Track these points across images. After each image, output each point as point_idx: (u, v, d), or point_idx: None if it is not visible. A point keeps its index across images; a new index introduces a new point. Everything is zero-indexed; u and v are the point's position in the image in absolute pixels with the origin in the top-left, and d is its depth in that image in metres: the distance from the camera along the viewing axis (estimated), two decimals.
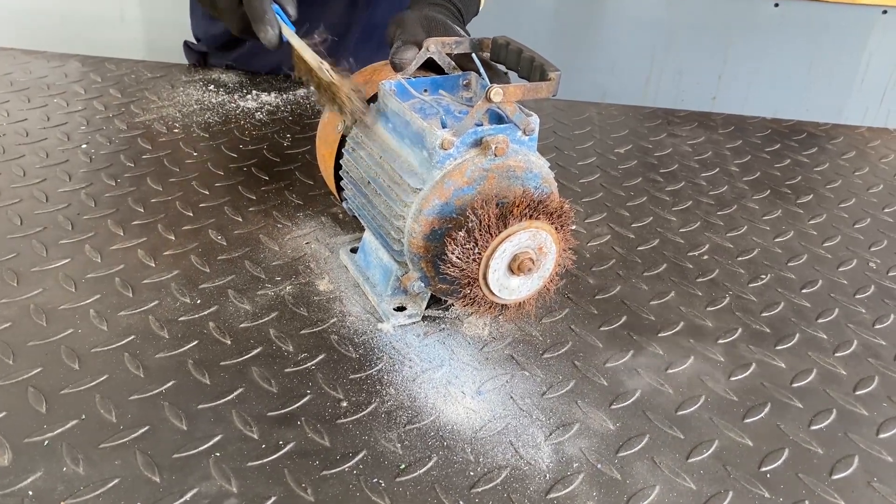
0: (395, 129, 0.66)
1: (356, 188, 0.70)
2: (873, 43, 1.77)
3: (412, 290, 0.67)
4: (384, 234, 0.66)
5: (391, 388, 0.62)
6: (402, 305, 0.70)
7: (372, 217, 0.68)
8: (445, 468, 0.56)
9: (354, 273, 0.74)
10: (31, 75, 1.11)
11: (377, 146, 0.67)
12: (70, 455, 0.54)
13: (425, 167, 0.62)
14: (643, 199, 0.93)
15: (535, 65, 0.64)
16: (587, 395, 0.64)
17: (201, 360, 0.63)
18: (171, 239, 0.78)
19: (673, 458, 0.59)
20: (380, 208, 0.66)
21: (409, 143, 0.64)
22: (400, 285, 0.69)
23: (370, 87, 0.70)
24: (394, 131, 0.66)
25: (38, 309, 0.67)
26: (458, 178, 0.61)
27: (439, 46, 0.69)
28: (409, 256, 0.64)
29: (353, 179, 0.70)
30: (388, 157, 0.65)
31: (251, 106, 1.06)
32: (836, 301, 0.78)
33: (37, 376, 0.61)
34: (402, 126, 0.65)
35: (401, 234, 0.64)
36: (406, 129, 0.64)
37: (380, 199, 0.66)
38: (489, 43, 0.69)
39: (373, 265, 0.73)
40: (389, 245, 0.66)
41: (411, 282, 0.66)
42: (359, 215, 0.72)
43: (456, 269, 0.60)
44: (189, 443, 0.56)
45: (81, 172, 0.88)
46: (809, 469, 0.59)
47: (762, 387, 0.66)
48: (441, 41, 0.69)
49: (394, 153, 0.65)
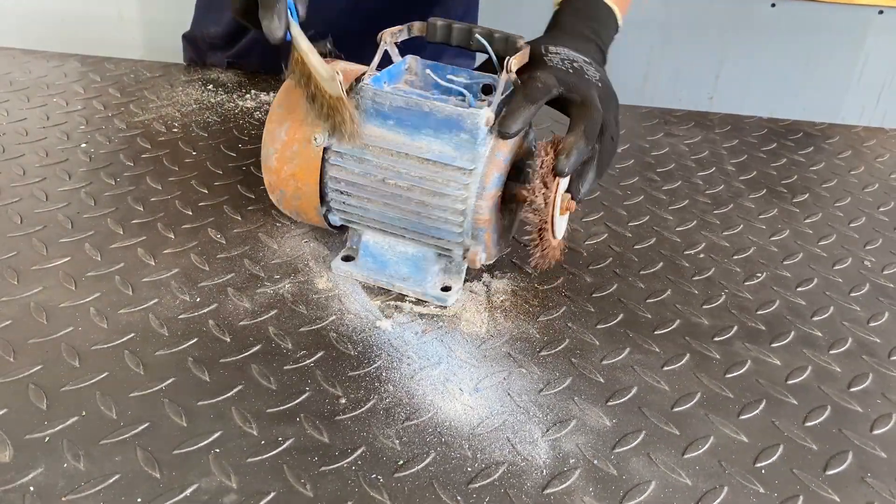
0: (401, 123, 0.67)
1: (365, 194, 0.69)
2: (870, 43, 1.77)
3: (479, 264, 0.69)
4: (428, 225, 0.69)
5: (389, 385, 0.63)
6: (447, 285, 0.73)
7: (401, 214, 0.69)
8: (443, 464, 0.56)
9: (363, 277, 0.74)
10: (31, 75, 1.11)
11: (380, 146, 0.67)
12: (71, 451, 0.55)
13: (467, 148, 0.66)
14: (640, 197, 0.94)
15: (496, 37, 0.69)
16: (584, 392, 0.64)
17: (201, 357, 0.64)
18: (171, 237, 0.78)
19: (669, 453, 0.59)
20: (419, 200, 0.67)
21: (430, 133, 0.66)
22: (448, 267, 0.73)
23: None
24: (399, 126, 0.67)
25: (39, 307, 0.68)
26: (504, 147, 0.66)
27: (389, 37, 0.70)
28: (472, 233, 0.68)
29: (356, 186, 0.69)
30: (408, 151, 0.67)
31: (250, 105, 1.07)
32: (831, 299, 0.79)
33: (37, 373, 0.61)
34: (416, 118, 0.66)
35: (462, 216, 0.67)
36: (423, 121, 0.66)
37: (416, 192, 0.67)
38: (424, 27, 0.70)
39: (392, 262, 0.73)
40: (439, 230, 0.69)
41: (478, 255, 0.69)
42: (365, 221, 0.72)
43: (538, 216, 0.66)
44: (189, 439, 0.56)
45: (81, 171, 0.89)
46: (804, 465, 0.59)
47: (757, 384, 0.67)
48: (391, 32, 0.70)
49: (410, 146, 0.67)
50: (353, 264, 0.75)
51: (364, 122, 0.67)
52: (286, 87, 0.71)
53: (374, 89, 0.67)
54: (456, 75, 0.72)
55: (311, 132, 0.68)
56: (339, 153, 0.69)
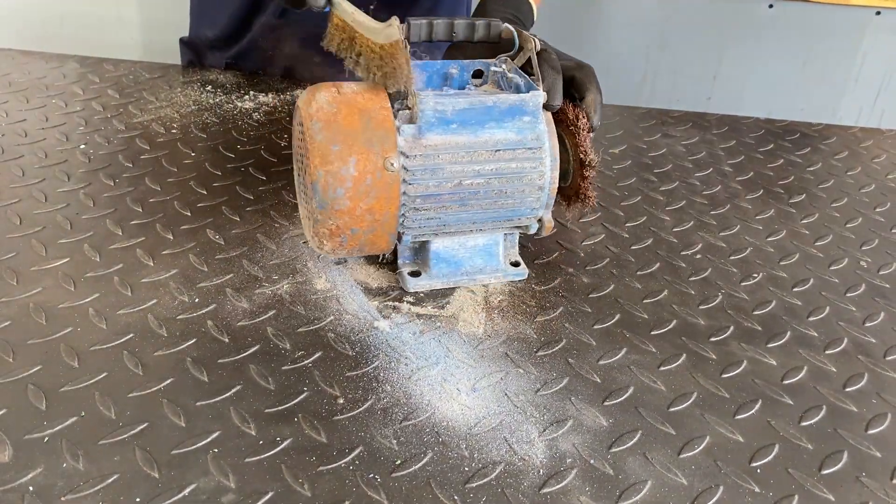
0: (465, 124, 0.68)
1: (441, 203, 0.69)
2: (867, 44, 1.78)
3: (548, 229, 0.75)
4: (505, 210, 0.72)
5: (387, 386, 0.63)
6: (514, 261, 0.77)
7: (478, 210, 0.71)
8: (440, 464, 0.57)
9: (442, 284, 0.74)
10: (30, 76, 1.11)
11: (449, 152, 0.68)
12: (70, 451, 0.55)
13: (530, 128, 0.70)
14: (637, 198, 0.94)
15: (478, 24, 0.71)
16: (580, 392, 0.64)
17: (199, 357, 0.64)
18: (170, 238, 0.79)
19: (665, 453, 0.60)
20: (498, 190, 0.70)
21: (493, 125, 0.69)
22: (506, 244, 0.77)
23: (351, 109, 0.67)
24: (462, 128, 0.68)
25: (38, 307, 0.68)
26: (551, 119, 0.72)
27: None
28: (547, 204, 0.73)
29: (432, 198, 0.68)
30: (477, 148, 0.68)
31: (248, 106, 1.07)
32: (828, 299, 0.79)
33: (37, 374, 0.61)
34: (478, 115, 0.68)
35: (541, 191, 0.71)
36: (486, 115, 0.68)
37: (493, 184, 0.70)
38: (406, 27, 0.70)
39: (465, 259, 0.75)
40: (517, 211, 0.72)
41: (551, 222, 0.75)
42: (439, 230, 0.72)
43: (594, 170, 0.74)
44: (187, 439, 0.57)
45: (80, 172, 0.89)
46: (799, 464, 0.60)
47: (753, 384, 0.67)
48: None
49: (477, 143, 0.68)
50: (428, 275, 0.74)
51: (426, 134, 0.67)
52: (326, 121, 0.65)
53: (435, 98, 0.67)
54: (453, 67, 0.74)
55: (382, 158, 0.65)
56: (410, 171, 0.67)
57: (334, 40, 0.70)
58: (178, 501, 0.52)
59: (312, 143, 0.65)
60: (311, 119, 0.66)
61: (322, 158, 0.65)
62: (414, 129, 0.67)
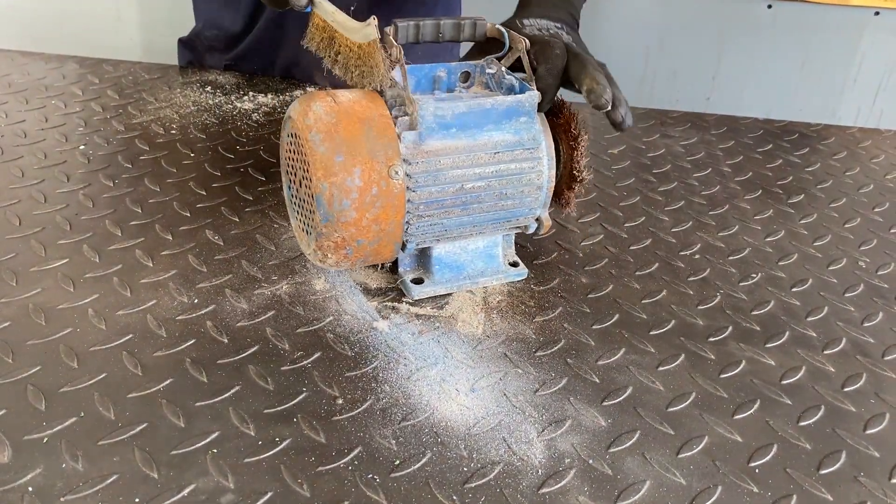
0: (464, 128, 0.68)
1: (443, 208, 0.69)
2: (865, 44, 1.78)
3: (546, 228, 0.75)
4: (506, 212, 0.72)
5: (386, 386, 0.63)
6: (513, 261, 0.78)
7: (479, 213, 0.71)
8: (439, 464, 0.57)
9: (445, 289, 0.74)
10: (30, 77, 1.11)
11: (450, 156, 0.67)
12: (69, 452, 0.55)
13: (526, 128, 0.70)
14: (636, 199, 0.94)
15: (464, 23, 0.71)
16: (579, 393, 0.64)
17: (199, 358, 0.64)
18: (169, 239, 0.79)
19: (663, 453, 0.60)
20: (499, 192, 0.70)
21: (491, 127, 0.69)
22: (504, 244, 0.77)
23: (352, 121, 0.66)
24: (461, 131, 0.68)
25: (37, 308, 0.68)
26: (543, 116, 0.72)
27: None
28: (545, 203, 0.73)
29: (435, 204, 0.68)
30: (476, 151, 0.68)
31: (248, 107, 1.07)
32: (826, 299, 0.79)
33: (36, 374, 0.61)
34: (477, 118, 0.68)
35: (540, 190, 0.72)
36: (484, 118, 0.68)
37: (494, 186, 0.70)
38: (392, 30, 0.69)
39: (467, 263, 0.75)
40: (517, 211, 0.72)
41: (549, 220, 0.75)
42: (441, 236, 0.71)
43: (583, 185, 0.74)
44: (187, 439, 0.57)
45: (79, 173, 0.89)
46: (797, 464, 0.60)
47: (752, 384, 0.67)
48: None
49: (476, 146, 0.68)
50: (431, 281, 0.74)
51: (427, 139, 0.67)
52: (326, 132, 0.64)
53: (436, 104, 0.66)
54: (440, 70, 0.74)
55: (387, 167, 0.64)
56: (413, 178, 0.66)
57: (314, 39, 0.71)
58: (178, 502, 0.52)
59: (314, 156, 0.64)
60: (311, 130, 0.65)
61: (326, 170, 0.63)
62: (415, 135, 0.66)
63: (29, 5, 1.88)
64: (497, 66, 0.73)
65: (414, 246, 0.72)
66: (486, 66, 0.74)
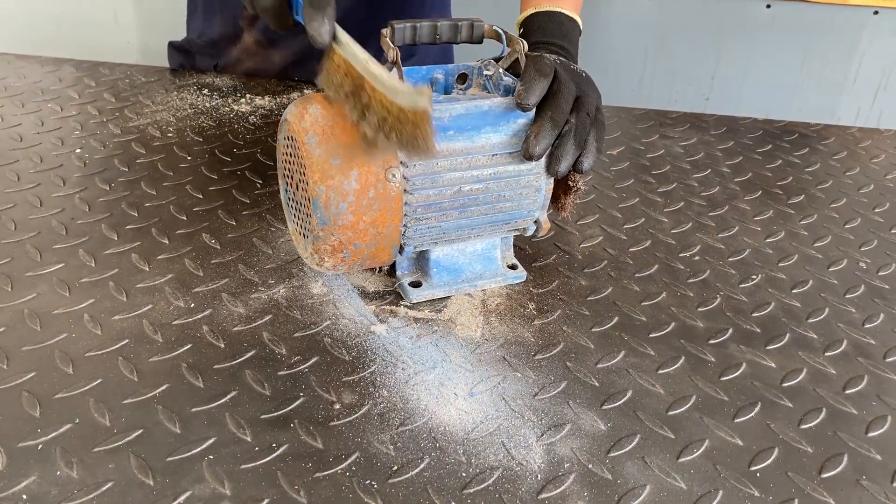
0: (461, 130, 0.67)
1: (441, 211, 0.68)
2: (865, 43, 1.77)
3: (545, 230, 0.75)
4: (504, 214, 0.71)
5: (384, 391, 0.63)
6: (511, 264, 0.77)
7: (477, 215, 0.70)
8: (438, 469, 0.56)
9: (444, 292, 0.73)
10: (26, 80, 1.11)
11: (448, 159, 0.67)
12: (64, 459, 0.55)
13: (524, 130, 0.69)
14: (635, 200, 0.94)
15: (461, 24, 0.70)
16: (578, 396, 0.64)
17: (195, 363, 0.64)
18: (165, 243, 0.78)
19: (663, 457, 0.59)
20: (497, 194, 0.70)
21: (489, 129, 0.68)
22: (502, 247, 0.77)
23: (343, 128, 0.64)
24: (459, 133, 0.67)
25: (32, 313, 0.67)
26: None
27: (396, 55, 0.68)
28: (543, 205, 0.73)
29: (433, 207, 0.68)
30: (474, 153, 0.68)
31: (245, 110, 1.07)
32: (827, 301, 0.79)
33: (30, 381, 0.61)
34: (475, 120, 0.68)
35: (538, 192, 0.71)
36: (482, 119, 0.68)
37: (492, 188, 0.69)
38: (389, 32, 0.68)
39: (465, 265, 0.75)
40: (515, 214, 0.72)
41: (547, 222, 0.75)
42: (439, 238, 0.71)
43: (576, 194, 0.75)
44: (183, 446, 0.56)
45: (75, 177, 0.88)
46: (799, 468, 0.59)
47: (752, 386, 0.67)
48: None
49: (474, 148, 0.68)
50: (430, 285, 0.73)
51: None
52: (323, 134, 0.63)
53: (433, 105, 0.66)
54: (438, 72, 0.74)
55: (384, 170, 0.63)
56: (410, 180, 0.66)
57: (332, 82, 0.62)
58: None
59: (310, 158, 0.63)
60: (307, 133, 0.64)
61: (322, 173, 0.63)
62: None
63: (25, 8, 1.88)
64: (494, 68, 0.73)
65: (412, 249, 0.71)
66: (484, 67, 0.74)
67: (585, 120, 0.69)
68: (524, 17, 0.86)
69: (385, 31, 0.68)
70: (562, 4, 0.85)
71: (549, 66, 0.69)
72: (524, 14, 0.86)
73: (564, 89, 0.69)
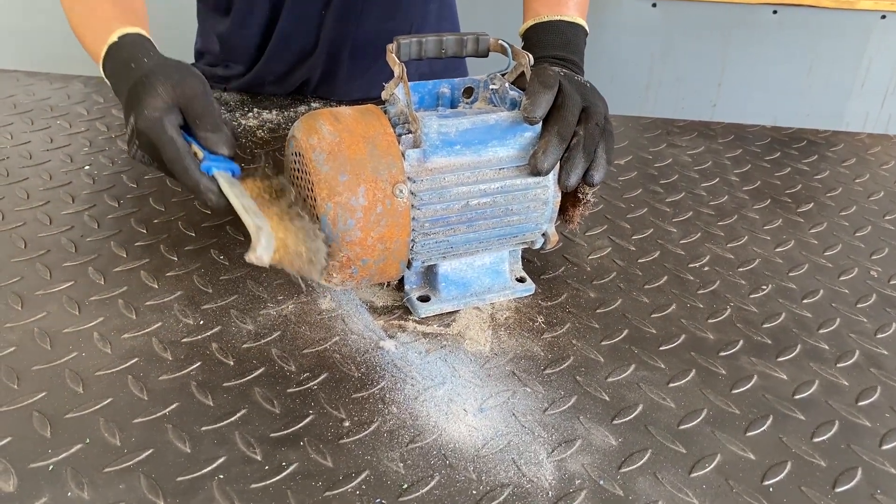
0: (468, 144, 0.67)
1: (449, 225, 0.68)
2: (872, 48, 1.77)
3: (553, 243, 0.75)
4: (511, 228, 0.71)
5: (393, 407, 0.63)
6: (520, 277, 0.77)
7: (485, 229, 0.70)
8: (448, 487, 0.56)
9: (452, 307, 0.73)
10: (34, 97, 1.12)
11: (455, 173, 0.67)
12: (75, 480, 0.55)
13: (531, 143, 0.69)
14: (643, 210, 0.93)
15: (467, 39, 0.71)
16: (589, 411, 0.64)
17: (204, 381, 0.64)
18: (174, 259, 0.78)
19: (675, 472, 0.59)
20: (505, 208, 0.69)
21: (496, 143, 0.68)
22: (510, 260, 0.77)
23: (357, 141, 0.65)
24: (466, 148, 0.67)
25: (43, 332, 0.68)
26: None
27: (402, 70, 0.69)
28: (551, 218, 0.73)
29: (440, 221, 0.68)
30: (481, 168, 0.68)
31: (252, 124, 1.07)
32: (838, 311, 0.78)
33: (41, 401, 0.61)
34: (481, 134, 0.68)
35: (546, 205, 0.71)
36: (489, 133, 0.68)
37: (500, 202, 0.69)
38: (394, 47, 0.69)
39: (474, 279, 0.74)
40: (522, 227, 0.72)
41: (556, 235, 0.74)
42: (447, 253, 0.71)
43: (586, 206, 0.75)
44: (193, 465, 0.56)
45: (84, 194, 0.89)
46: (812, 482, 0.59)
47: (764, 399, 0.66)
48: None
49: (481, 162, 0.68)
50: (438, 299, 0.73)
51: (431, 157, 0.66)
52: (330, 151, 0.64)
53: (439, 121, 0.66)
54: (444, 87, 0.74)
55: (391, 186, 0.64)
56: (418, 196, 0.66)
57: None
58: None
59: (318, 175, 0.64)
60: (314, 150, 0.64)
61: (330, 190, 0.63)
62: (419, 153, 0.66)
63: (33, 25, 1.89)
64: (500, 82, 0.73)
65: (420, 264, 0.71)
66: (490, 81, 0.74)
67: (594, 130, 0.69)
68: (524, 30, 0.86)
69: (391, 46, 0.68)
70: (562, 11, 0.85)
71: (553, 78, 0.68)
72: (524, 26, 0.86)
73: (570, 101, 0.69)
